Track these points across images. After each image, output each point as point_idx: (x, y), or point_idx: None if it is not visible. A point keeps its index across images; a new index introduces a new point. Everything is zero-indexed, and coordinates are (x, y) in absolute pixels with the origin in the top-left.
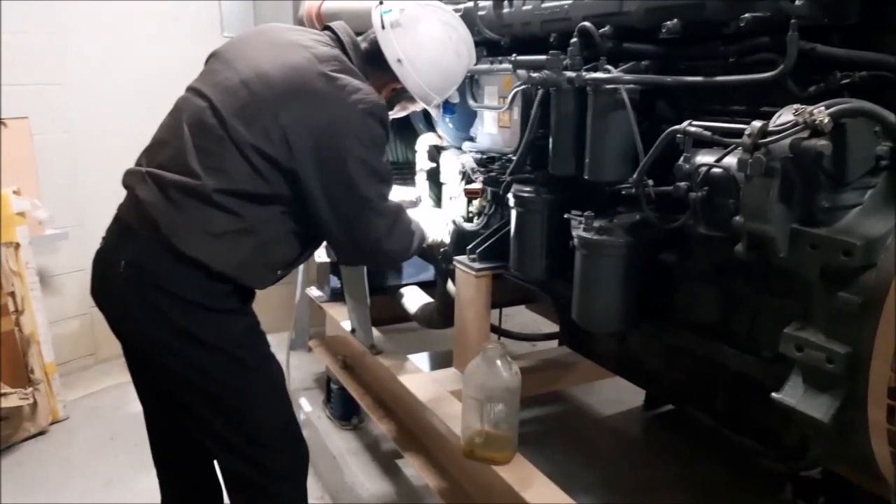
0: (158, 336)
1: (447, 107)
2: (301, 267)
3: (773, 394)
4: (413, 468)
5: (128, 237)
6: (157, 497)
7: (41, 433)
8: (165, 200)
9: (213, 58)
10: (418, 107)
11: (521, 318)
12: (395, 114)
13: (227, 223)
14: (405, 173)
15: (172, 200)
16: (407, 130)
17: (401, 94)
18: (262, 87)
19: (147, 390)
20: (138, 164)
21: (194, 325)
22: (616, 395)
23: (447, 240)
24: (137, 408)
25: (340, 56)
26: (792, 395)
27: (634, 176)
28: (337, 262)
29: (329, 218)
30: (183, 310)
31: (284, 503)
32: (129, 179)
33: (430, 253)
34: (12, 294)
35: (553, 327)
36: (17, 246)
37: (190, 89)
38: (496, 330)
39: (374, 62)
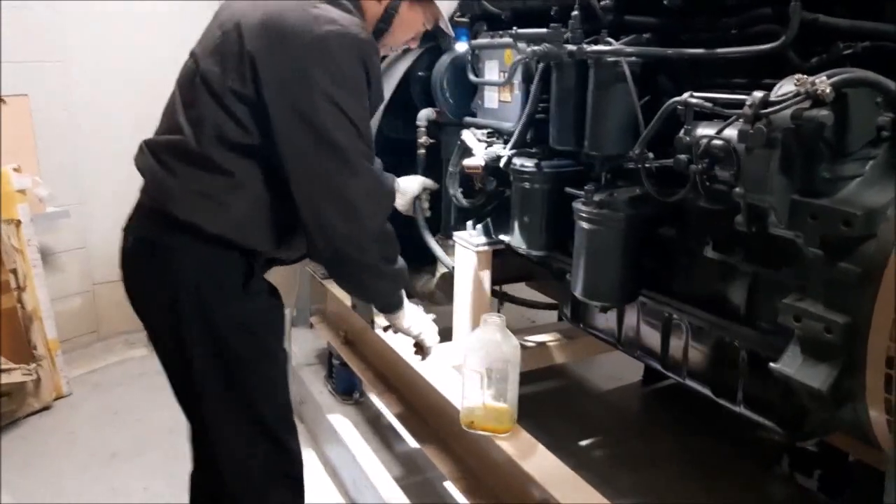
0: (161, 314)
1: (458, 27)
2: None
3: (772, 364)
4: (414, 442)
5: (135, 212)
6: (162, 469)
7: (45, 408)
8: (158, 165)
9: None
10: (423, 19)
11: (520, 295)
12: (398, 38)
13: (217, 180)
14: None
15: (164, 163)
16: (406, 107)
17: None
18: (234, 27)
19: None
20: None
21: (195, 305)
22: (615, 371)
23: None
24: (140, 383)
25: None
26: (790, 364)
27: (635, 149)
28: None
29: (297, 174)
30: (186, 286)
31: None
32: (135, 156)
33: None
34: (14, 271)
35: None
36: (19, 223)
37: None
38: (496, 294)
39: None
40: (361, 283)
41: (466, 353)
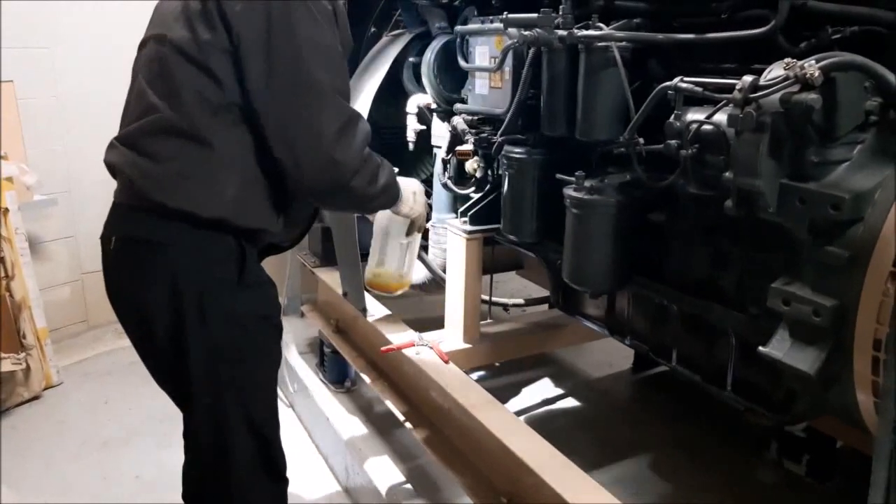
0: (157, 313)
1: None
2: None
3: (761, 347)
4: (406, 428)
5: (115, 212)
6: (154, 457)
7: (35, 398)
8: (137, 154)
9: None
10: None
11: (511, 285)
12: None
13: (202, 152)
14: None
15: (141, 150)
16: (397, 93)
17: None
18: None
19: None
20: None
21: (193, 300)
22: (605, 358)
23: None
24: (130, 373)
25: None
26: (779, 348)
27: (626, 134)
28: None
29: (274, 114)
30: (182, 282)
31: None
32: (106, 155)
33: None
34: (2, 259)
35: (543, 293)
36: (6, 211)
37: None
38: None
39: None
40: (354, 207)
41: (375, 222)
